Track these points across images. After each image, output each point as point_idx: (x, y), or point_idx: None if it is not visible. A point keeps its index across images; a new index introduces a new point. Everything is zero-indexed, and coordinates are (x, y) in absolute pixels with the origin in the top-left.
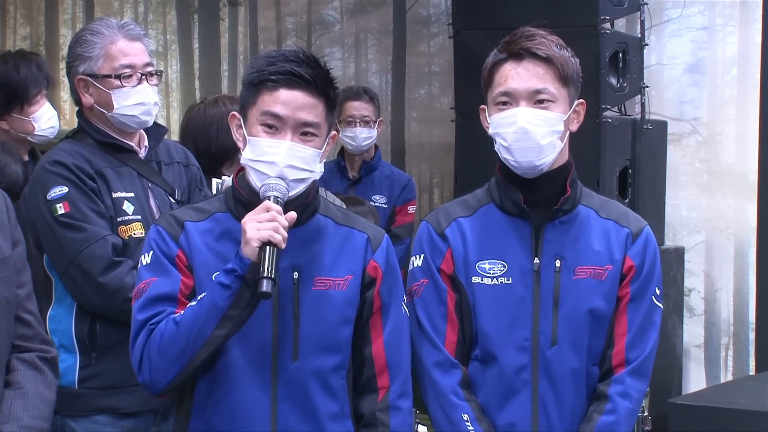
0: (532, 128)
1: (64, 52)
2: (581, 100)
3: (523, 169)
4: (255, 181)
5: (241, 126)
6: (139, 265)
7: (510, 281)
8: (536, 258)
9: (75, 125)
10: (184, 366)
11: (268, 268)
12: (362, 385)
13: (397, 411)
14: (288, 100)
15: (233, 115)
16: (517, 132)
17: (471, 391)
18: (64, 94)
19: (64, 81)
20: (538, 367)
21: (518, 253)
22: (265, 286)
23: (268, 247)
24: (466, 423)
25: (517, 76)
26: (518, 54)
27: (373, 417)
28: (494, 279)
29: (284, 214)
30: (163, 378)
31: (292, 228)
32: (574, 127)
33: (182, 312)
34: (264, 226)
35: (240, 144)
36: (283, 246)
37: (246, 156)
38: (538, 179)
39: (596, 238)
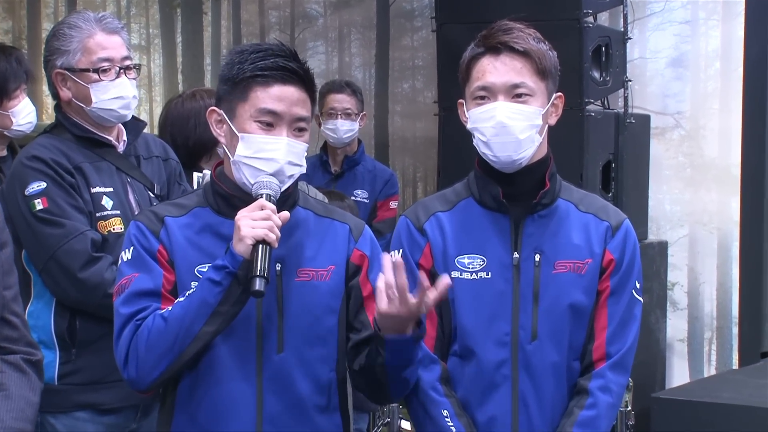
0: (510, 123)
1: None
2: (559, 94)
3: (502, 163)
4: (248, 177)
5: (223, 121)
6: (120, 261)
7: (489, 276)
8: (516, 252)
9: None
10: (171, 362)
11: (261, 267)
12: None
13: None
14: (283, 96)
15: (213, 110)
16: (495, 126)
17: (450, 386)
18: (46, 88)
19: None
20: (518, 362)
21: (497, 248)
22: (258, 284)
23: (261, 246)
24: (446, 419)
25: (494, 70)
26: (496, 48)
27: None
28: (474, 273)
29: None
30: (150, 374)
31: None
32: (553, 120)
33: (170, 308)
34: (259, 224)
35: (222, 140)
36: (276, 246)
37: (241, 153)
38: (517, 173)
39: (576, 231)
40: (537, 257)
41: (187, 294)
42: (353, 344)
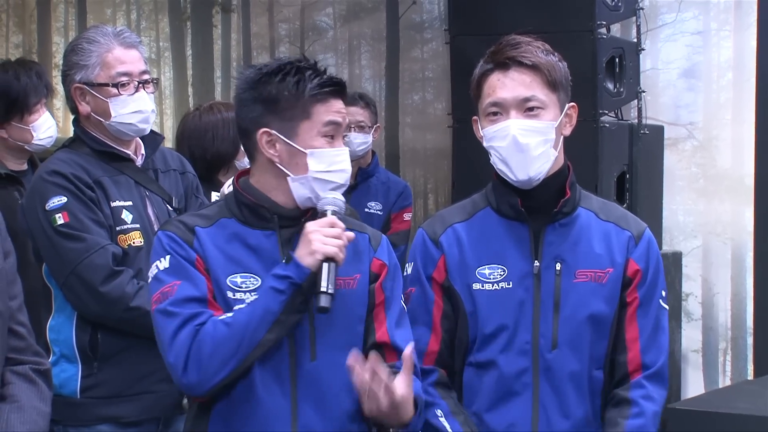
0: (524, 140)
1: (57, 60)
2: (572, 104)
3: (520, 183)
4: (317, 191)
5: (275, 141)
6: (154, 270)
7: (510, 285)
8: (536, 261)
9: (69, 133)
10: (234, 368)
11: (327, 283)
12: None
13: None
14: (340, 109)
15: (265, 131)
16: (510, 145)
17: (449, 390)
18: (57, 102)
19: (58, 89)
20: (539, 371)
21: (517, 257)
22: (324, 301)
23: (327, 263)
24: (440, 418)
25: (504, 86)
26: (504, 63)
27: None
28: (494, 284)
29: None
30: (212, 379)
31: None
32: (567, 131)
33: (229, 315)
34: (331, 241)
35: (276, 159)
36: (341, 265)
37: (314, 168)
38: (534, 188)
39: (597, 240)
40: (558, 266)
41: (248, 302)
42: None
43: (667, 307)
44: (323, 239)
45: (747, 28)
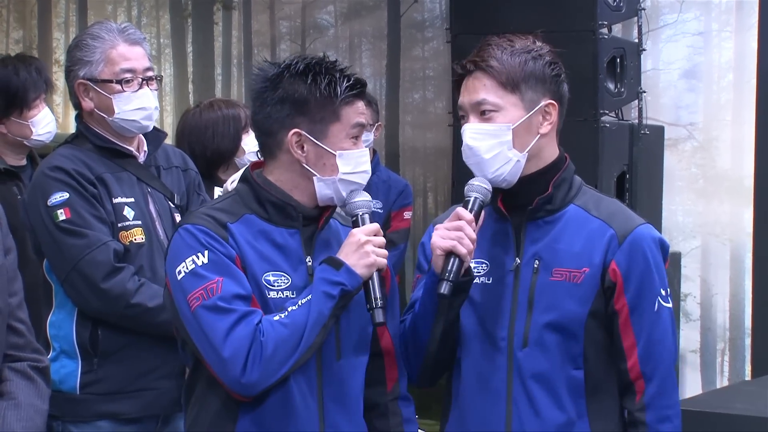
0: (474, 143)
1: (57, 55)
2: (549, 101)
3: (491, 182)
4: (342, 192)
5: (304, 142)
6: (190, 265)
7: (490, 281)
8: (517, 258)
9: (68, 129)
10: (289, 368)
11: (381, 296)
12: (372, 376)
13: (407, 400)
14: (364, 110)
15: (296, 132)
16: (465, 149)
17: None
18: (57, 98)
19: (57, 85)
20: (513, 369)
21: (500, 253)
22: (382, 315)
23: (377, 274)
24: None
25: (465, 90)
26: (468, 67)
27: (386, 407)
28: (477, 278)
29: (319, 220)
30: (271, 378)
31: (320, 231)
32: (545, 129)
33: (284, 315)
34: (381, 252)
35: (303, 159)
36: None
37: (344, 170)
38: (515, 186)
39: (579, 238)
40: (536, 263)
41: (300, 303)
42: None
43: (668, 305)
44: (377, 250)
45: (748, 30)
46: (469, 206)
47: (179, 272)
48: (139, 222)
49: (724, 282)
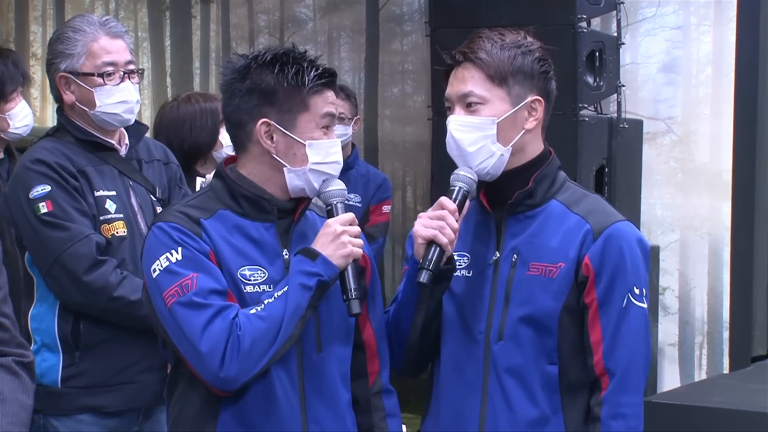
0: (459, 135)
1: (35, 49)
2: (536, 97)
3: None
4: (313, 183)
5: (273, 132)
6: (165, 263)
7: (470, 274)
8: (497, 252)
9: (44, 123)
10: (268, 361)
11: (357, 287)
12: (353, 370)
13: (389, 393)
14: (334, 100)
15: (265, 122)
16: (449, 140)
17: None
18: (34, 92)
19: (34, 78)
20: (489, 362)
21: (481, 247)
22: (358, 307)
23: (353, 263)
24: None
25: (452, 80)
26: (458, 58)
27: (368, 402)
28: (458, 271)
29: (295, 212)
30: (249, 372)
31: (296, 224)
32: (530, 125)
33: (260, 308)
34: (356, 242)
35: (272, 149)
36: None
37: (313, 159)
38: (497, 180)
39: (556, 234)
40: (514, 257)
41: (276, 296)
42: None
43: (641, 304)
44: (353, 240)
45: (726, 24)
46: (453, 196)
47: (154, 270)
48: (121, 215)
49: (703, 275)
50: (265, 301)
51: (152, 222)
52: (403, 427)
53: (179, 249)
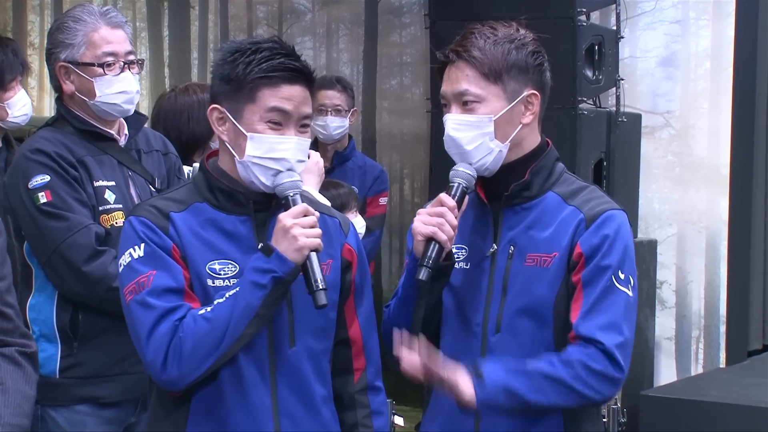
0: (457, 134)
1: (32, 38)
2: (532, 91)
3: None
4: (258, 176)
5: (225, 120)
6: (127, 258)
7: (468, 266)
8: (494, 244)
9: (42, 113)
10: (213, 363)
11: (321, 278)
12: (337, 366)
13: (375, 390)
14: (291, 96)
15: (214, 108)
16: (446, 139)
17: None
18: (32, 81)
19: (32, 68)
20: (487, 354)
21: (479, 239)
22: (323, 298)
23: (314, 255)
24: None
25: (447, 79)
26: (451, 57)
27: (353, 399)
28: (456, 264)
29: (281, 209)
30: (192, 375)
31: (273, 217)
32: (527, 119)
33: (208, 308)
34: (312, 233)
35: (224, 137)
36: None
37: (251, 153)
38: (496, 174)
39: (552, 225)
40: (511, 249)
41: (227, 295)
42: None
43: (625, 290)
44: (306, 232)
45: (725, 18)
46: (452, 192)
47: (120, 265)
48: (120, 205)
49: (700, 270)
50: (216, 301)
51: (128, 214)
52: (401, 419)
53: (142, 245)
